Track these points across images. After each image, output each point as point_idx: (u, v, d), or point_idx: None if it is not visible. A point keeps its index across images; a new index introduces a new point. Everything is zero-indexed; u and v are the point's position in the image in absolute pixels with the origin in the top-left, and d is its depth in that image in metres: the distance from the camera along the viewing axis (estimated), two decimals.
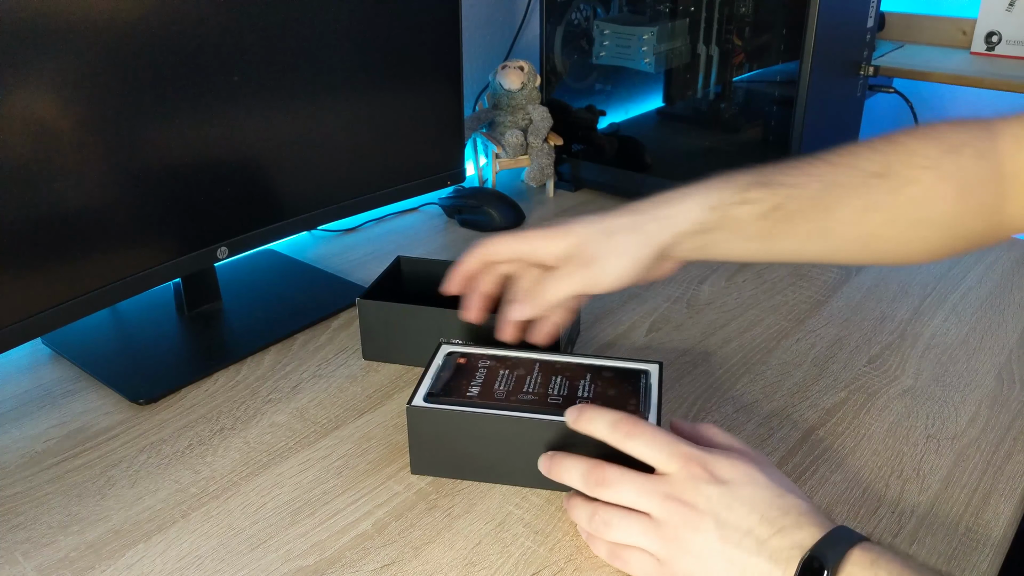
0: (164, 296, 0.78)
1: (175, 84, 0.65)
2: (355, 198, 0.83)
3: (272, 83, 0.72)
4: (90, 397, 0.66)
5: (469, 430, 0.55)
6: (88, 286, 0.63)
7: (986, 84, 1.13)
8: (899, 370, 0.70)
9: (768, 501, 0.45)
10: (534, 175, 1.08)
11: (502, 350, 0.61)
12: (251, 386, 0.68)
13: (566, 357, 0.60)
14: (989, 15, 1.25)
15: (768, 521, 0.44)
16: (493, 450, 0.55)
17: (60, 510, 0.54)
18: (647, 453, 0.48)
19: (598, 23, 1.04)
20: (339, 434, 0.62)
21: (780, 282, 0.85)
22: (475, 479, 0.56)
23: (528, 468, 0.54)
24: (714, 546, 0.44)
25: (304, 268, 0.88)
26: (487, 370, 0.59)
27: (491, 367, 0.59)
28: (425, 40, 0.85)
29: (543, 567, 0.49)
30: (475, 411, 0.54)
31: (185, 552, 0.51)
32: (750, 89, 0.96)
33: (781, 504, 0.45)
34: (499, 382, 0.57)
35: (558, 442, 0.53)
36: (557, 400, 0.55)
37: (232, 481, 0.57)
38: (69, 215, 0.61)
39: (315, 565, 0.50)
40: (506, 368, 0.59)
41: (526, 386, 0.56)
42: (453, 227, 1.01)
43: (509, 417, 0.54)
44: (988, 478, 0.57)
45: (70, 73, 0.58)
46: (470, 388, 0.56)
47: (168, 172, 0.66)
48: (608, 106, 1.10)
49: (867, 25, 0.96)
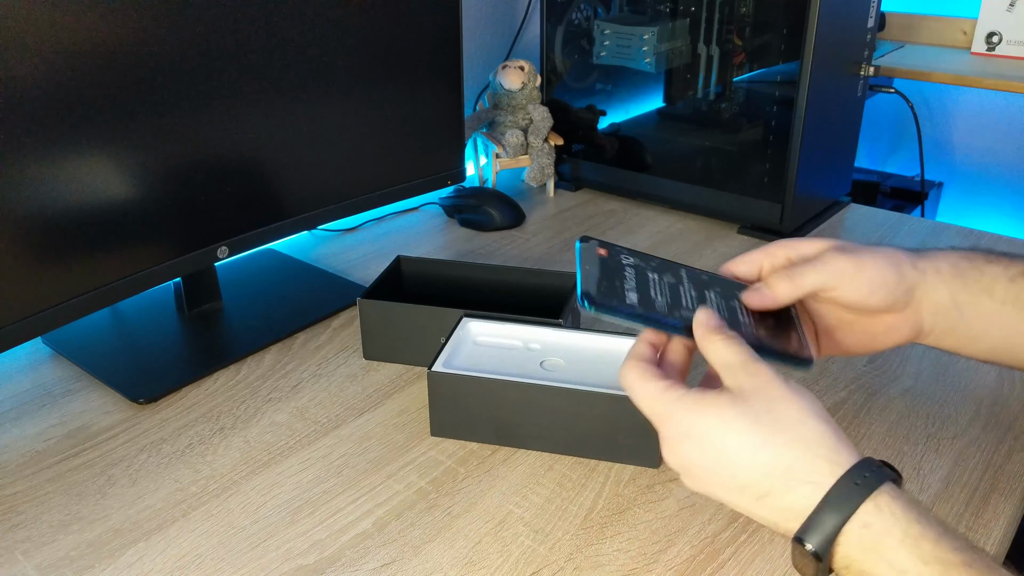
0: (164, 296, 0.78)
1: (175, 84, 0.65)
2: (355, 198, 0.83)
3: (272, 83, 0.72)
4: (90, 396, 0.66)
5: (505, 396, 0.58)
6: (88, 286, 0.63)
7: (986, 84, 1.13)
8: (899, 370, 0.70)
9: (747, 460, 0.38)
10: (534, 175, 1.08)
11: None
12: (251, 385, 0.68)
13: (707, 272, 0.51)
14: (989, 15, 1.25)
15: (747, 488, 0.39)
16: (521, 416, 0.58)
17: (60, 509, 0.54)
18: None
19: (598, 23, 1.04)
20: (339, 433, 0.62)
21: None
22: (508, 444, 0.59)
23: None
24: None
25: (304, 268, 0.88)
26: (635, 270, 0.49)
27: (637, 267, 0.49)
28: (425, 40, 0.85)
29: (543, 566, 0.49)
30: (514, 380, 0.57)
31: (185, 551, 0.51)
32: (750, 89, 0.97)
33: (763, 460, 0.38)
34: (653, 289, 0.47)
35: (570, 409, 0.56)
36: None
37: (232, 480, 0.57)
38: (69, 215, 0.61)
39: (315, 564, 0.50)
40: (653, 272, 0.49)
41: (683, 300, 0.47)
42: (453, 227, 1.01)
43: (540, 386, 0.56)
44: (988, 478, 0.57)
45: (69, 73, 0.58)
46: (627, 294, 0.47)
47: (168, 172, 0.67)
48: (608, 106, 1.10)
49: (867, 25, 0.96)
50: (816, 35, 0.86)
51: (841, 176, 1.06)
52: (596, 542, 0.51)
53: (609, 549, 0.51)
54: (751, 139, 0.96)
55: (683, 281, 0.49)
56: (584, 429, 0.58)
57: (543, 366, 0.61)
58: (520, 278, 0.74)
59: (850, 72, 0.97)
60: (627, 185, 1.08)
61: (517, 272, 0.74)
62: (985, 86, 1.14)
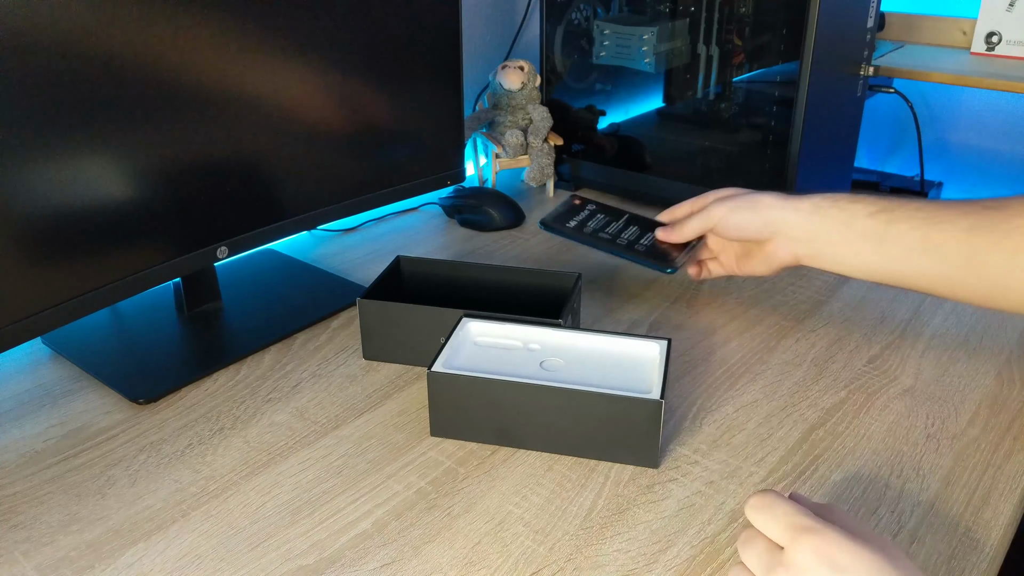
0: (164, 296, 0.78)
1: (174, 84, 0.65)
2: (355, 198, 0.83)
3: (272, 83, 0.72)
4: (90, 397, 0.66)
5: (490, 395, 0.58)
6: (88, 286, 0.63)
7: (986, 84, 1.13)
8: (899, 370, 0.70)
9: None
10: (534, 175, 1.08)
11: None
12: (251, 385, 0.68)
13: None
14: (989, 15, 1.24)
15: None
16: (515, 415, 0.59)
17: (60, 509, 0.54)
18: (767, 525, 0.42)
19: (598, 23, 1.04)
20: (339, 433, 0.62)
21: (780, 282, 0.85)
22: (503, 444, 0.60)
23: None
24: None
25: (304, 268, 0.88)
26: (590, 213, 0.82)
27: (592, 211, 0.82)
28: (425, 40, 0.85)
29: (543, 567, 0.49)
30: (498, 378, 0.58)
31: (185, 551, 0.51)
32: (750, 89, 0.96)
33: None
34: (595, 223, 0.80)
35: (569, 409, 0.57)
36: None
37: (232, 480, 0.57)
38: (69, 215, 0.61)
39: (315, 564, 0.50)
40: (604, 214, 0.82)
41: (622, 232, 0.79)
42: (453, 227, 1.01)
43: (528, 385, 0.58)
44: (988, 478, 0.57)
45: (70, 73, 0.58)
46: (571, 223, 0.80)
47: (168, 172, 0.66)
48: (608, 106, 1.09)
49: (867, 25, 0.96)
50: (816, 35, 0.86)
51: (841, 176, 1.06)
52: (596, 542, 0.51)
53: (609, 549, 0.51)
54: (751, 139, 0.96)
55: (621, 221, 0.81)
56: (584, 429, 0.58)
57: (543, 366, 0.61)
58: (520, 278, 0.74)
59: (850, 72, 0.97)
60: (627, 185, 1.07)
61: (517, 272, 0.74)
62: (985, 86, 1.13)
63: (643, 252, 0.76)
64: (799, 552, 0.39)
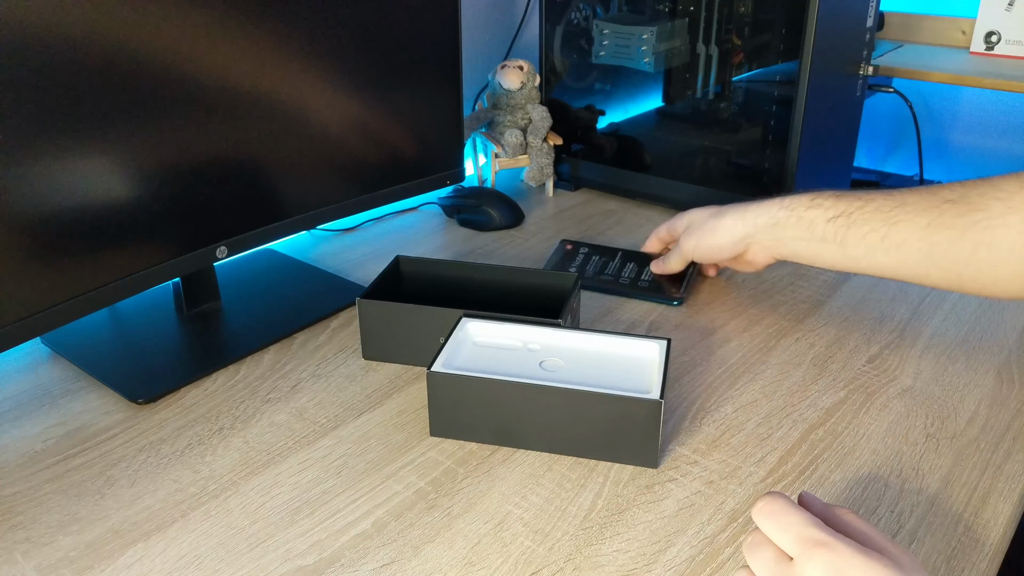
0: (164, 296, 0.78)
1: (174, 84, 0.65)
2: (354, 198, 0.83)
3: (271, 82, 0.72)
4: (89, 397, 0.66)
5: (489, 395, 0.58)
6: (88, 286, 0.63)
7: (986, 84, 1.13)
8: (898, 370, 0.70)
9: None
10: (533, 175, 1.08)
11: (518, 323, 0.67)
12: (250, 385, 0.68)
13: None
14: (989, 15, 1.25)
15: None
16: (515, 415, 0.59)
17: (59, 510, 0.54)
18: (777, 534, 0.42)
19: (598, 23, 1.04)
20: (338, 434, 0.62)
21: (780, 282, 0.85)
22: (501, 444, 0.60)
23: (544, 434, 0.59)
24: None
25: (304, 268, 0.88)
26: (584, 256, 0.89)
27: (586, 254, 0.89)
28: (425, 40, 0.85)
29: (542, 567, 0.49)
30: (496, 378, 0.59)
31: (184, 552, 0.51)
32: (750, 89, 0.96)
33: None
34: (591, 266, 0.87)
35: (569, 409, 0.57)
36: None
37: (231, 481, 0.57)
38: (68, 215, 0.61)
39: (314, 565, 0.50)
40: (597, 255, 0.89)
41: (615, 270, 0.85)
42: (453, 227, 1.01)
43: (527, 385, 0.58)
44: (987, 478, 0.57)
45: (70, 73, 0.58)
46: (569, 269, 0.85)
47: (167, 172, 0.66)
48: (608, 106, 1.09)
49: (867, 25, 0.96)
50: (815, 35, 0.86)
51: (840, 175, 1.06)
52: (595, 542, 0.51)
53: (608, 549, 0.51)
54: (750, 139, 0.96)
55: (616, 259, 0.88)
56: (583, 429, 0.58)
57: (542, 366, 0.61)
58: (519, 278, 0.74)
59: (849, 72, 0.97)
60: (626, 185, 1.07)
61: (516, 272, 0.74)
62: (984, 86, 1.14)
63: (648, 288, 0.82)
64: (810, 566, 0.39)
